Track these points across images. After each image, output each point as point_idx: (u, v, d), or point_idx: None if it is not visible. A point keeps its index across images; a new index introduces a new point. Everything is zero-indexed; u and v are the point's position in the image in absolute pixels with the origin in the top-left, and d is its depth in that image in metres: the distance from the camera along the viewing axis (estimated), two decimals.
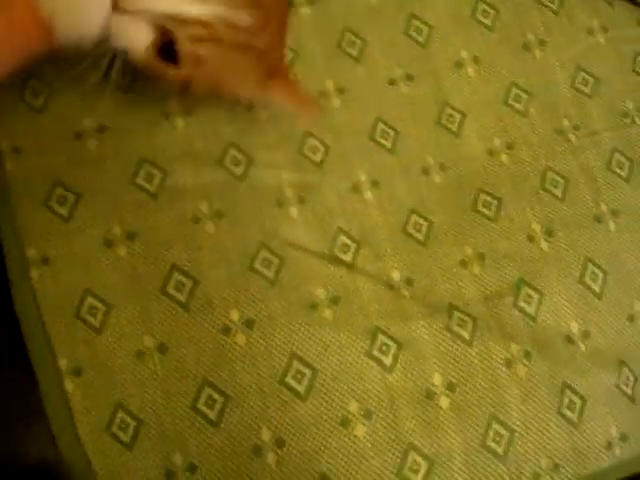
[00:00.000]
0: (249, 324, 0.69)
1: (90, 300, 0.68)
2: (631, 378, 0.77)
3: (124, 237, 0.69)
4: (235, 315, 0.69)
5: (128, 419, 0.65)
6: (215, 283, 0.70)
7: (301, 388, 0.69)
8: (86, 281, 0.68)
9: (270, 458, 0.66)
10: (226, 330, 0.69)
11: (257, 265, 0.71)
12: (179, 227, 0.71)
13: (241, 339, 0.69)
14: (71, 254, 0.68)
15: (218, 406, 0.67)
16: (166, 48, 0.54)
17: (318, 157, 0.76)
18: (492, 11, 0.89)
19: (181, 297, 0.69)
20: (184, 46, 0.53)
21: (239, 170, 0.74)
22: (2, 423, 0.69)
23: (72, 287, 0.68)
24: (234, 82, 0.62)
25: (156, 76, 0.58)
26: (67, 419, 0.65)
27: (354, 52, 0.82)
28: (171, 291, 0.69)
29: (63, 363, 0.66)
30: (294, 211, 0.74)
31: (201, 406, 0.67)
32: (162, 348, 0.67)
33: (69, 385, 0.66)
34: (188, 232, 0.71)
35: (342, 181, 0.76)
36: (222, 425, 0.66)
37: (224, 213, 0.72)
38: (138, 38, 0.53)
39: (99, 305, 0.68)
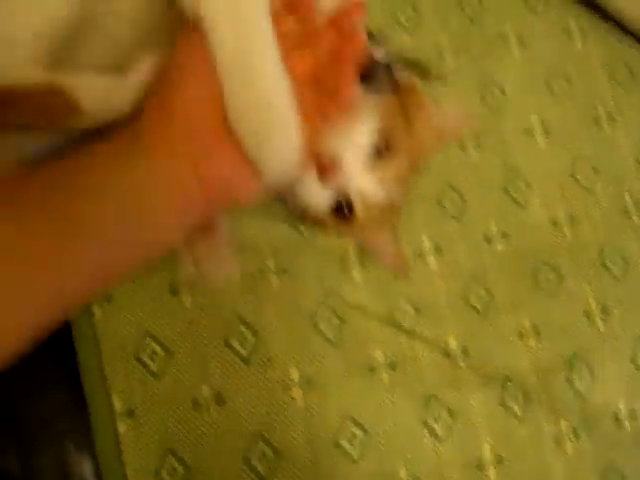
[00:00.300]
0: (308, 382, 0.70)
1: (151, 344, 0.69)
2: None
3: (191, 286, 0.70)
4: (295, 373, 0.70)
5: (178, 466, 0.66)
6: (277, 339, 0.71)
7: (353, 450, 0.70)
8: (148, 324, 0.69)
9: None
10: (284, 387, 0.70)
11: (319, 324, 0.72)
12: (245, 280, 0.72)
13: (298, 396, 0.70)
14: (134, 294, 0.69)
15: (269, 461, 0.68)
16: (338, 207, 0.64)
17: None
18: (564, 82, 0.89)
19: (243, 351, 0.70)
20: (359, 216, 0.64)
21: (306, 229, 0.74)
22: (55, 456, 0.72)
23: (134, 329, 0.69)
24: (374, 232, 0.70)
25: (321, 225, 0.68)
26: (116, 459, 0.66)
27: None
28: (234, 343, 0.70)
29: (118, 404, 0.67)
30: (357, 274, 0.75)
31: (253, 460, 0.68)
32: (218, 399, 0.68)
33: (122, 426, 0.67)
34: (254, 285, 0.72)
35: (406, 245, 0.77)
36: None
37: (288, 270, 0.73)
38: (326, 201, 0.64)
39: (159, 350, 0.68)
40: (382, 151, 0.63)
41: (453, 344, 0.76)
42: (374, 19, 0.85)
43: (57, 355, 0.73)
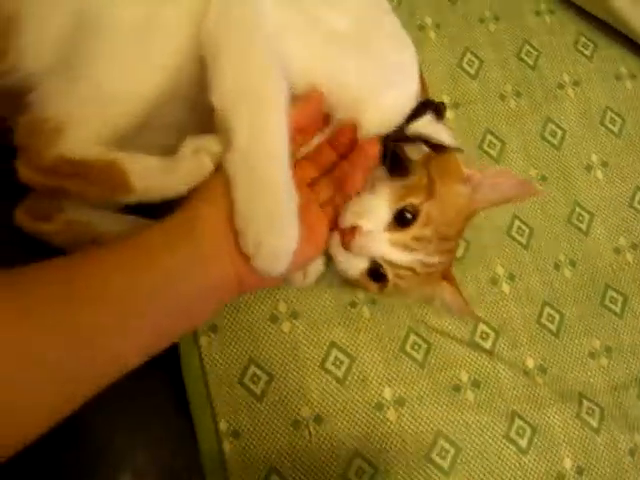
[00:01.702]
0: (400, 402, 0.76)
1: (253, 369, 0.75)
2: None
3: (289, 314, 0.77)
4: (388, 393, 0.76)
5: None
6: (370, 362, 0.77)
7: (445, 464, 0.75)
8: (251, 351, 0.75)
9: None
10: (379, 406, 0.76)
11: (408, 348, 0.79)
12: (339, 310, 0.79)
13: (392, 416, 0.76)
14: (237, 324, 0.76)
15: (367, 477, 0.73)
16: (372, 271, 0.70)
17: (459, 252, 0.83)
18: (619, 119, 0.96)
19: (339, 373, 0.76)
20: (390, 279, 0.69)
21: None
22: (168, 475, 0.78)
23: (237, 355, 0.75)
24: (420, 289, 0.74)
25: (364, 288, 0.73)
26: (223, 478, 0.72)
27: (494, 153, 0.90)
28: (329, 367, 0.76)
29: (223, 425, 0.73)
30: (439, 302, 0.80)
31: (351, 476, 0.73)
32: (317, 419, 0.74)
33: (227, 446, 0.73)
34: (347, 315, 0.79)
35: (481, 273, 0.84)
36: None
37: (377, 301, 0.80)
38: (356, 266, 0.70)
39: (261, 374, 0.75)
40: (403, 218, 0.67)
41: (531, 363, 0.82)
42: (440, 69, 0.93)
43: (166, 382, 0.80)
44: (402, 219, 0.67)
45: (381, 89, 0.70)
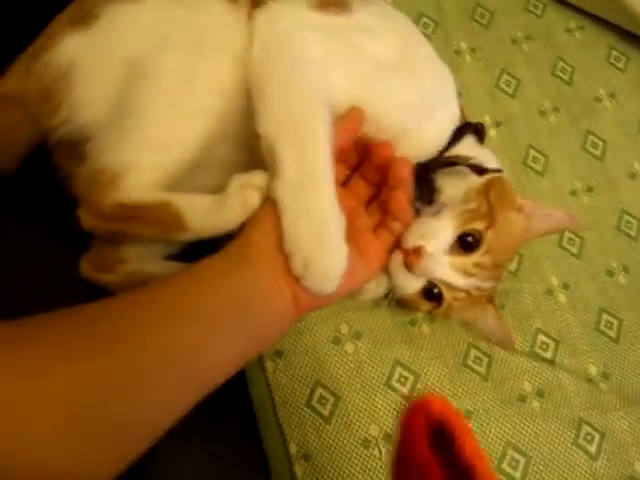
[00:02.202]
0: (467, 415, 0.77)
1: (320, 391, 0.76)
2: None
3: (351, 335, 0.79)
4: (455, 407, 0.77)
5: None
6: (435, 377, 0.79)
7: (517, 474, 0.76)
8: (316, 373, 0.77)
9: None
10: None
11: (470, 362, 0.80)
12: (399, 329, 0.80)
13: None
14: (302, 348, 0.78)
15: None
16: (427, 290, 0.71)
17: (513, 266, 0.85)
18: None
19: (404, 389, 0.77)
20: (446, 301, 0.71)
21: None
22: None
23: (303, 378, 0.77)
24: (468, 311, 0.76)
25: (416, 308, 0.75)
26: None
27: (538, 167, 0.93)
28: (395, 384, 0.78)
29: (294, 448, 0.74)
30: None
31: None
32: (387, 437, 0.75)
33: (299, 469, 0.74)
34: (407, 333, 0.80)
35: (537, 285, 0.85)
36: None
37: (436, 318, 0.81)
38: (413, 286, 0.71)
39: (328, 395, 0.76)
40: (466, 243, 0.69)
41: (593, 370, 0.83)
42: (479, 91, 0.96)
43: (234, 409, 0.82)
44: (465, 243, 0.69)
45: (423, 117, 0.73)
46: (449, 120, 0.76)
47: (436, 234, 0.69)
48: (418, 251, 0.68)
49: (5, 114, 0.72)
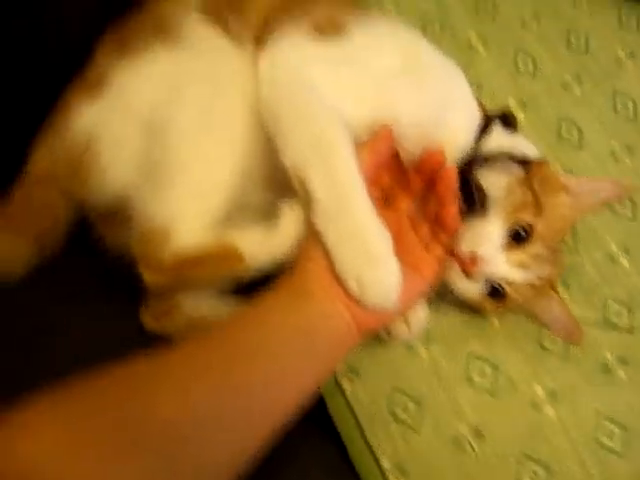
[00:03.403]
0: (554, 396, 0.76)
1: (402, 399, 0.76)
2: None
3: (422, 339, 0.79)
4: (539, 390, 0.76)
5: None
6: (513, 365, 0.78)
7: (616, 445, 0.75)
8: (394, 382, 0.77)
9: None
10: (535, 405, 0.76)
11: (546, 344, 0.79)
12: (468, 324, 0.80)
13: (550, 411, 0.76)
14: (375, 361, 0.78)
15: (542, 479, 0.73)
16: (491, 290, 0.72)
17: (569, 241, 0.85)
18: None
19: (486, 382, 0.77)
20: (511, 296, 0.72)
21: None
22: None
23: (382, 390, 0.77)
24: (534, 302, 0.75)
25: (483, 309, 0.75)
26: None
27: (574, 138, 0.93)
28: (476, 378, 0.77)
29: (386, 463, 0.74)
30: (563, 293, 0.81)
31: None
32: (477, 433, 0.75)
33: None
34: (478, 326, 0.80)
35: (597, 254, 0.85)
36: None
37: None
38: (476, 290, 0.72)
39: (410, 403, 0.76)
40: (518, 237, 0.70)
41: None
42: (498, 77, 0.96)
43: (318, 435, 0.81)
44: (517, 237, 0.70)
45: (443, 115, 0.73)
46: (469, 116, 0.76)
47: (487, 236, 0.70)
48: (474, 257, 0.69)
49: (41, 194, 0.74)
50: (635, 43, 1.02)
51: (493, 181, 0.71)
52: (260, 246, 0.70)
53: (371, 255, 0.61)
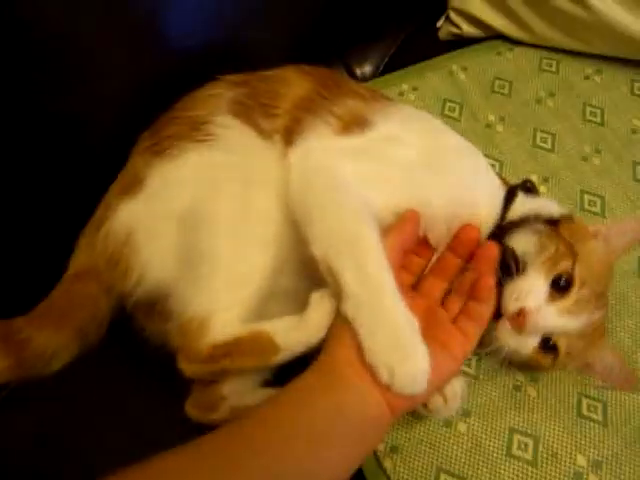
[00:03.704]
0: (597, 465, 0.76)
1: (444, 477, 0.77)
2: None
3: (460, 414, 0.80)
4: (582, 460, 0.77)
5: None
6: (554, 436, 0.78)
7: None
8: (436, 459, 0.77)
9: None
10: (578, 476, 0.76)
11: (585, 412, 0.80)
12: (506, 397, 0.81)
13: None
14: (415, 438, 0.79)
15: None
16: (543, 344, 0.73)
17: None
18: None
19: (527, 455, 0.77)
20: (563, 348, 0.72)
21: None
22: None
23: (424, 468, 0.77)
24: (586, 353, 0.76)
25: (538, 366, 0.76)
26: None
27: (597, 209, 0.96)
28: (516, 452, 0.78)
29: None
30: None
31: None
32: None
33: None
34: (515, 399, 0.81)
35: (629, 320, 0.86)
36: None
37: (539, 378, 0.82)
38: (528, 345, 0.73)
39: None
40: (559, 286, 0.71)
41: None
42: (519, 154, 1.00)
43: None
44: (559, 287, 0.71)
45: (468, 194, 0.77)
46: (492, 191, 0.79)
47: (530, 290, 0.71)
48: (522, 312, 0.70)
49: (82, 288, 0.79)
50: None
51: (525, 242, 0.74)
52: (294, 336, 0.73)
53: (402, 346, 0.63)
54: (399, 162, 0.77)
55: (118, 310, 0.81)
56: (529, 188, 0.80)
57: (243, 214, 0.76)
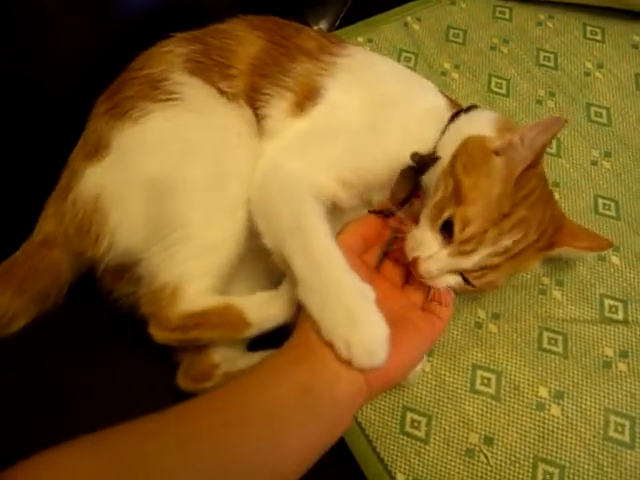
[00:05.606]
0: (559, 395, 0.77)
1: (410, 415, 0.78)
2: None
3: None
4: (544, 391, 0.78)
5: None
6: (516, 370, 0.79)
7: (626, 438, 0.75)
8: (402, 399, 0.79)
9: None
10: (540, 406, 0.77)
11: (545, 345, 0.81)
12: (468, 335, 0.82)
13: (556, 410, 0.77)
14: None
15: (556, 478, 0.74)
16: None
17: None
18: None
19: (491, 390, 0.78)
20: (473, 282, 0.71)
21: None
22: None
23: (391, 408, 0.79)
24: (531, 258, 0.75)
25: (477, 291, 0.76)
26: None
27: (553, 150, 0.97)
28: (480, 387, 0.79)
29: (401, 478, 0.75)
30: (556, 293, 0.84)
31: None
32: (488, 440, 0.76)
33: None
34: (476, 337, 0.82)
35: (587, 257, 0.87)
36: None
37: (500, 314, 0.83)
38: (452, 282, 0.72)
39: (420, 417, 0.78)
40: (449, 230, 0.69)
41: None
42: (475, 100, 1.00)
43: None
44: (449, 231, 0.69)
45: (405, 149, 0.77)
46: (429, 125, 0.78)
47: (422, 241, 0.71)
48: (414, 261, 0.71)
49: (48, 254, 0.78)
50: (602, 55, 1.07)
51: (430, 182, 0.75)
52: (264, 312, 0.73)
53: (353, 316, 0.62)
54: (343, 132, 0.78)
55: (82, 274, 0.80)
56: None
57: (215, 179, 0.76)
